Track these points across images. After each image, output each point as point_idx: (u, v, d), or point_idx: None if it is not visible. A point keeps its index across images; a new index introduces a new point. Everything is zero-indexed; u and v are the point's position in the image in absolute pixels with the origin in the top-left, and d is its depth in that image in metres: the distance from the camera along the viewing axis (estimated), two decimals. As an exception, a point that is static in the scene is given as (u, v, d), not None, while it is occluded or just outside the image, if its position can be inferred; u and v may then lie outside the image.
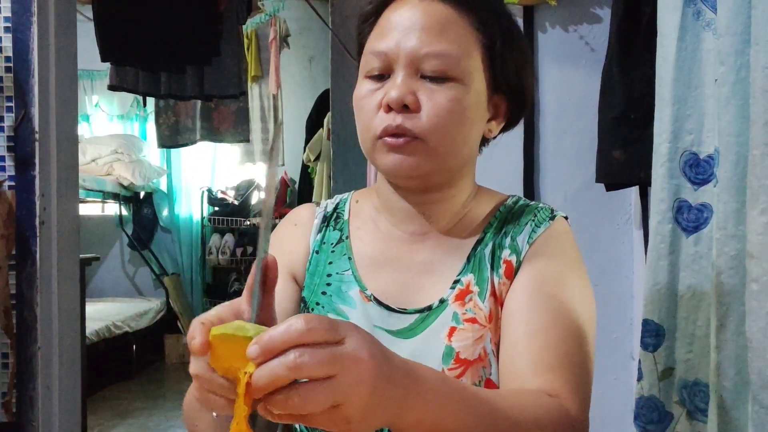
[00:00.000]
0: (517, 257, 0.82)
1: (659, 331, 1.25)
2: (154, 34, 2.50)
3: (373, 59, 0.79)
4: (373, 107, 0.79)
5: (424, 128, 0.76)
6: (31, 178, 1.73)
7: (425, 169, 0.78)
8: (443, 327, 0.79)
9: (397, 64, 0.77)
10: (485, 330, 0.79)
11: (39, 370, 1.74)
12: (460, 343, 0.78)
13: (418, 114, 0.76)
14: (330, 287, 0.86)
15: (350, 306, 0.84)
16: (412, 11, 0.78)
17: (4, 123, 1.73)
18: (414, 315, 0.81)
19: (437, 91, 0.77)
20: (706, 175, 1.19)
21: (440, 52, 0.76)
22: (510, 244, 0.83)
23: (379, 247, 0.87)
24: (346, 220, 0.91)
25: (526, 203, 0.88)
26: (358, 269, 0.86)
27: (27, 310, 1.74)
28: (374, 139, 0.79)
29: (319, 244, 0.90)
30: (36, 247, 1.73)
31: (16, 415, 1.72)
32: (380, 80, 0.79)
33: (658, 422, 1.27)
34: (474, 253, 0.83)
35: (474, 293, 0.81)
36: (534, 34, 1.82)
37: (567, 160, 1.82)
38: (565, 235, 0.84)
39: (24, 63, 1.72)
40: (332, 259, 0.88)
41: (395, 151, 0.77)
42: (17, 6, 1.72)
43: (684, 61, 1.20)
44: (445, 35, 0.77)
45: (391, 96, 0.76)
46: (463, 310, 0.80)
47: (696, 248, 1.20)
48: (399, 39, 0.77)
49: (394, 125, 0.76)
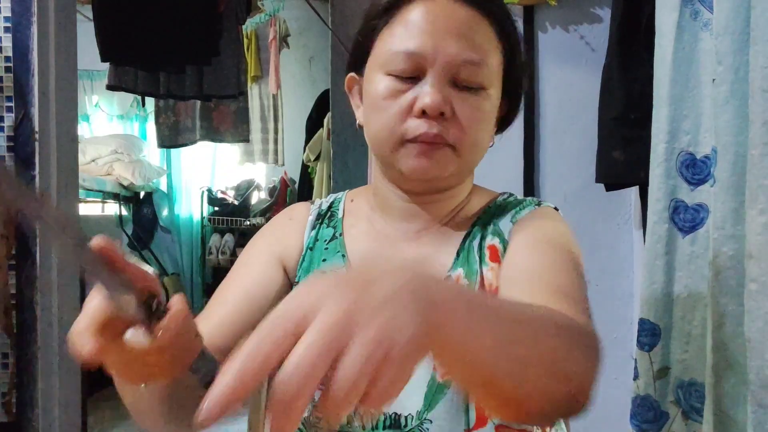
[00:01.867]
0: (501, 238, 0.82)
1: (655, 331, 1.25)
2: (154, 34, 2.50)
3: (401, 58, 0.77)
4: (399, 109, 0.77)
5: (458, 137, 0.76)
6: (31, 178, 1.73)
7: (448, 173, 0.78)
8: None
9: (432, 68, 0.76)
10: None
11: (39, 370, 1.74)
12: None
13: (453, 122, 0.76)
14: None
15: None
16: (444, 13, 0.76)
17: (4, 123, 1.73)
18: None
19: (468, 100, 0.77)
20: (703, 176, 1.19)
21: (477, 60, 0.76)
22: (492, 230, 0.83)
23: (372, 244, 0.87)
24: (340, 218, 0.91)
25: (517, 199, 0.89)
26: (351, 266, 0.86)
27: (27, 310, 1.74)
28: (401, 140, 0.77)
29: (312, 240, 0.90)
30: (36, 247, 1.73)
31: (16, 415, 1.72)
32: (407, 81, 0.77)
33: (653, 421, 1.27)
34: (462, 247, 0.83)
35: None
36: (534, 34, 1.82)
37: (567, 160, 1.82)
38: (552, 215, 0.85)
39: (24, 63, 1.72)
40: (326, 256, 0.88)
41: (424, 155, 0.76)
42: (17, 6, 1.72)
43: (681, 61, 1.20)
44: (479, 43, 0.76)
45: (427, 103, 0.74)
46: None
47: (692, 248, 1.21)
48: (436, 42, 0.75)
49: (431, 133, 0.75)
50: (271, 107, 4.57)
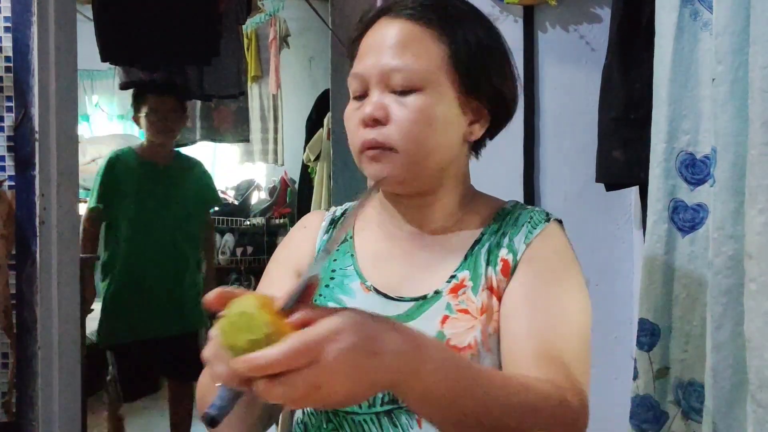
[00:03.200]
0: (514, 256, 0.86)
1: (654, 331, 1.25)
2: (154, 34, 2.50)
3: (353, 81, 0.87)
4: (355, 124, 0.86)
5: (394, 138, 0.83)
6: (31, 178, 1.73)
7: (401, 176, 0.84)
8: (437, 315, 0.85)
9: (371, 82, 0.85)
10: (476, 321, 0.84)
11: (39, 370, 1.74)
12: (452, 331, 0.83)
13: (389, 126, 0.83)
14: (333, 281, 0.93)
15: (350, 296, 0.90)
16: (381, 32, 0.86)
17: (4, 123, 1.73)
18: (410, 303, 0.87)
19: (404, 103, 0.83)
20: (703, 176, 1.20)
21: (403, 66, 0.83)
22: (507, 244, 0.88)
23: (380, 245, 0.94)
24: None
25: (524, 207, 0.93)
26: (359, 264, 0.92)
27: (27, 310, 1.74)
28: (358, 153, 0.87)
29: (324, 243, 0.97)
30: (36, 247, 1.74)
31: (16, 415, 1.72)
32: (361, 99, 0.87)
33: (653, 421, 1.27)
34: (471, 252, 0.89)
35: (468, 287, 0.86)
36: (534, 34, 1.82)
37: (567, 160, 1.82)
38: (561, 237, 0.90)
39: (24, 63, 1.73)
40: (336, 257, 0.95)
41: (373, 160, 0.84)
42: (17, 6, 1.72)
43: (681, 61, 1.20)
44: (409, 50, 0.83)
45: (364, 112, 0.84)
46: (456, 301, 0.85)
47: (692, 248, 1.21)
48: (371, 59, 0.85)
49: (368, 139, 0.84)
50: (271, 107, 4.57)
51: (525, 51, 1.80)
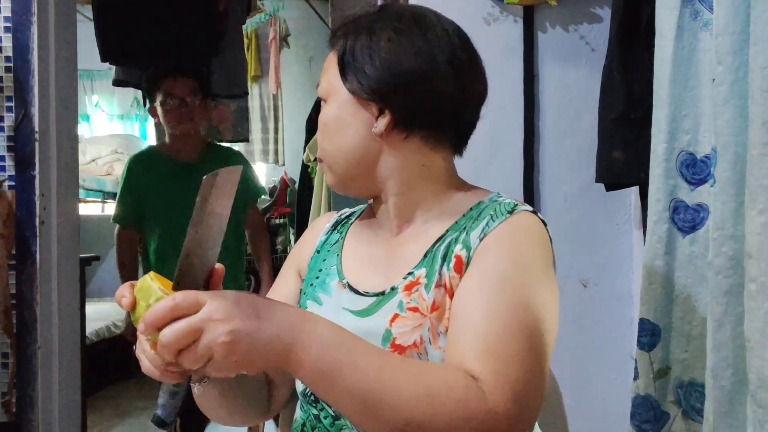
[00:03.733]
0: (467, 252, 0.83)
1: (655, 331, 1.25)
2: (154, 33, 2.50)
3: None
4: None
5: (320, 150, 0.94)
6: (31, 178, 1.73)
7: (334, 180, 0.93)
8: (389, 312, 0.85)
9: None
10: (425, 319, 0.83)
11: (39, 370, 1.74)
12: (398, 330, 0.83)
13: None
14: (317, 279, 0.96)
15: (326, 293, 0.93)
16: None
17: (4, 123, 1.73)
18: (372, 298, 0.89)
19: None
20: (703, 176, 1.19)
21: (318, 84, 0.94)
22: (463, 239, 0.85)
23: (361, 244, 0.97)
24: (349, 225, 1.02)
25: (498, 201, 0.88)
26: (342, 264, 0.96)
27: (27, 310, 1.74)
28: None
29: (321, 244, 1.02)
30: (36, 247, 1.73)
31: (16, 415, 1.72)
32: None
33: (653, 421, 1.27)
34: (431, 249, 0.88)
35: (421, 285, 0.85)
36: (534, 34, 1.82)
37: (567, 160, 1.82)
38: (522, 230, 0.84)
39: (24, 63, 1.72)
40: (326, 257, 0.99)
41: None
42: (17, 6, 1.72)
43: (681, 61, 1.20)
44: (323, 69, 0.93)
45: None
46: (408, 299, 0.85)
47: (692, 248, 1.21)
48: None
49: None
50: (271, 107, 4.57)
51: (525, 51, 1.80)
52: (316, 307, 0.93)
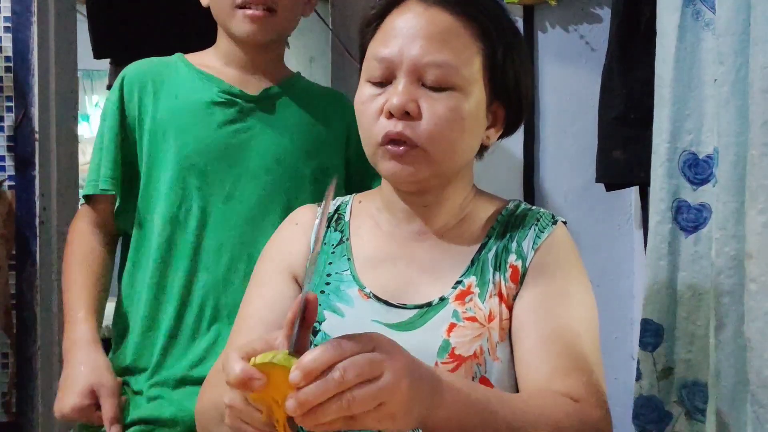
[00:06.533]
0: (523, 262, 0.84)
1: (659, 331, 1.25)
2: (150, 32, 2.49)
3: (375, 65, 0.81)
4: (374, 113, 0.80)
5: (424, 137, 0.78)
6: (31, 178, 1.73)
7: (423, 176, 0.81)
8: (443, 323, 0.81)
9: (400, 71, 0.79)
10: (484, 329, 0.81)
11: (39, 370, 1.74)
12: (458, 339, 0.80)
13: (419, 122, 0.78)
14: (329, 286, 0.87)
15: (347, 304, 0.85)
16: (417, 19, 0.79)
17: (4, 123, 1.73)
18: (413, 310, 0.83)
19: (438, 100, 0.78)
20: (705, 175, 1.19)
21: (442, 61, 0.78)
22: (516, 249, 0.85)
23: (379, 245, 0.88)
24: (347, 222, 0.92)
25: (528, 208, 0.90)
26: (356, 269, 0.87)
27: (27, 310, 1.74)
28: (376, 145, 0.81)
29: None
30: (36, 247, 1.73)
31: (16, 415, 1.72)
32: (382, 86, 0.81)
33: (657, 422, 1.27)
34: (478, 257, 0.85)
35: (474, 294, 0.82)
36: (534, 34, 1.82)
37: (567, 160, 1.82)
38: (567, 241, 0.87)
39: (24, 63, 1.72)
40: (332, 260, 0.89)
41: (395, 159, 0.79)
42: (17, 6, 1.72)
43: (683, 61, 1.20)
44: (447, 45, 0.78)
45: (393, 103, 0.77)
46: (463, 308, 0.82)
47: (695, 248, 1.21)
48: (402, 46, 0.79)
49: (395, 131, 0.78)
50: (270, 107, 4.55)
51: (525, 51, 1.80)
52: (337, 318, 0.84)
